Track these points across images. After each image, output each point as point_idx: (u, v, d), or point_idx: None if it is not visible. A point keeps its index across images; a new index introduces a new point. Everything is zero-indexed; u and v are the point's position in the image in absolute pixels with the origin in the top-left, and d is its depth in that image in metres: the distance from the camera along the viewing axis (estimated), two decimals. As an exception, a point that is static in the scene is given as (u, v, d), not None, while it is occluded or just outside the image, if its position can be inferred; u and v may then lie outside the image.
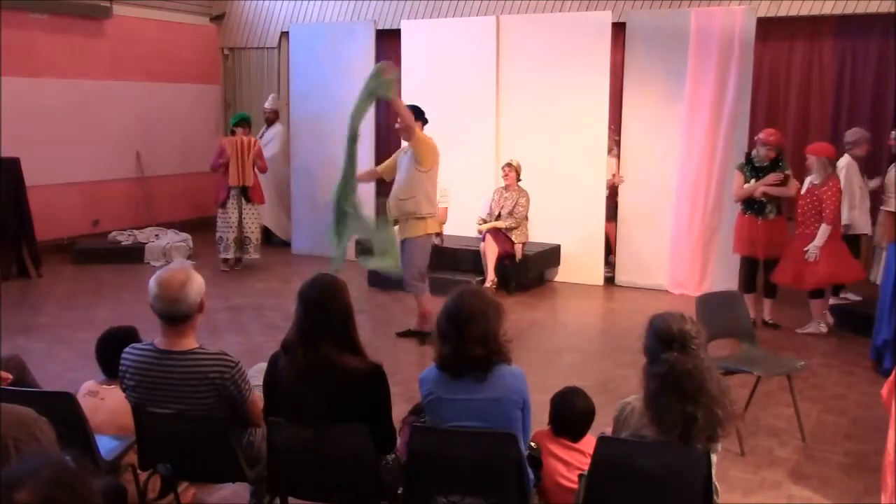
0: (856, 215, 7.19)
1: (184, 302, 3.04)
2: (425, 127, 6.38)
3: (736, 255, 7.07)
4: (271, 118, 10.03)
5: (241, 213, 8.73)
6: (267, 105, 10.01)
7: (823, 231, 6.30)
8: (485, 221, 8.13)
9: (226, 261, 8.84)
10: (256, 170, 8.74)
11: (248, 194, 8.72)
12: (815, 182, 6.41)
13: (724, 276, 7.44)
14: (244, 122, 8.79)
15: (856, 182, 7.14)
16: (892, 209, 6.01)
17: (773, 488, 4.01)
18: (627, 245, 8.24)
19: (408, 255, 6.17)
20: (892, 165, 6.98)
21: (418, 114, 6.25)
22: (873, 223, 7.26)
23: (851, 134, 7.28)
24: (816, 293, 6.61)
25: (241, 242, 8.82)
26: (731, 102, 7.52)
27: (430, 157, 6.12)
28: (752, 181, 6.63)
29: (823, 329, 6.65)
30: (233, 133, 8.69)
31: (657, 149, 7.96)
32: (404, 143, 6.32)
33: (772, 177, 6.56)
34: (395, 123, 6.22)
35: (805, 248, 6.37)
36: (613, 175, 8.37)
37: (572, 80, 8.15)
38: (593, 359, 6.14)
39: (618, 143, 8.55)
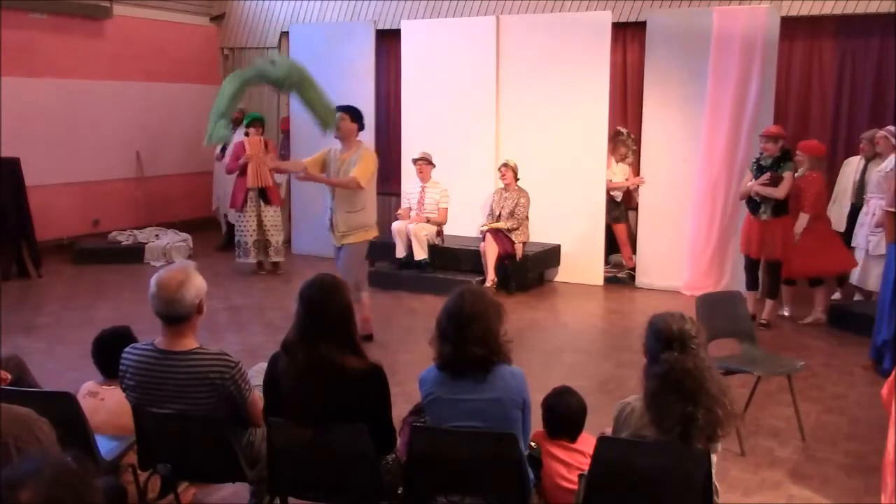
0: (833, 210, 7.40)
1: (180, 303, 3.04)
2: (362, 133, 6.24)
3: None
4: (238, 118, 9.31)
5: (260, 216, 8.54)
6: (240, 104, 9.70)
7: (801, 219, 6.71)
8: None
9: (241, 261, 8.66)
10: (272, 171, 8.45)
11: (266, 196, 8.54)
12: (798, 175, 6.75)
13: (743, 278, 7.33)
14: (257, 122, 8.57)
15: (850, 179, 7.32)
16: (892, 209, 6.01)
17: (773, 488, 4.01)
18: (648, 247, 8.16)
19: (346, 261, 6.06)
20: (875, 165, 7.00)
21: (357, 117, 6.10)
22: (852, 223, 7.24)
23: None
24: (815, 281, 6.92)
25: (263, 246, 8.64)
26: (752, 104, 7.45)
27: (372, 171, 6.07)
28: (753, 180, 6.70)
29: (822, 316, 6.92)
30: (246, 134, 8.54)
31: (678, 149, 7.89)
32: (335, 148, 6.13)
33: (763, 177, 6.61)
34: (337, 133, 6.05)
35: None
36: (627, 179, 8.43)
37: (572, 80, 8.15)
38: (593, 359, 6.14)
39: (636, 152, 8.58)
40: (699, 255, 7.83)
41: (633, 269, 8.37)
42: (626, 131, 8.65)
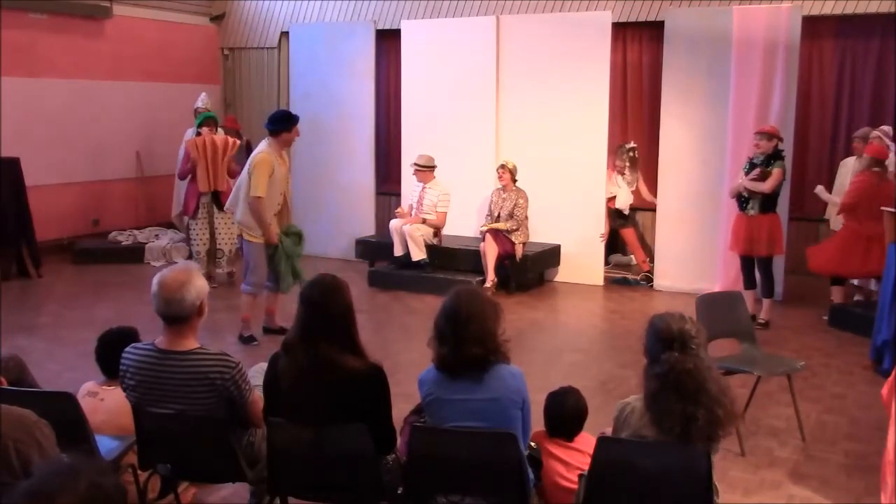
0: (832, 210, 7.41)
1: (180, 304, 3.04)
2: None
3: (780, 258, 7.09)
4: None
5: (212, 223, 7.98)
6: (199, 104, 8.74)
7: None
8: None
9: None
10: (228, 174, 7.86)
11: (220, 201, 7.77)
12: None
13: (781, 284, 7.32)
14: (209, 121, 7.93)
15: (847, 179, 7.25)
16: (891, 210, 6.02)
17: (773, 488, 4.01)
18: (667, 249, 8.02)
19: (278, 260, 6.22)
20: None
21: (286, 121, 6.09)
22: None
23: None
24: (836, 280, 6.92)
25: (212, 255, 8.07)
26: (777, 105, 7.32)
27: None
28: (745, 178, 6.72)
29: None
30: (198, 134, 7.90)
31: (698, 150, 7.77)
32: (274, 155, 6.07)
33: (753, 172, 6.64)
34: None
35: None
36: (633, 192, 8.54)
37: (572, 80, 8.13)
38: (593, 359, 6.14)
39: (632, 168, 8.56)
40: (731, 259, 7.39)
41: (650, 272, 8.29)
42: (629, 146, 8.64)
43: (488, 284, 7.69)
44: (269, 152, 5.98)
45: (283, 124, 6.01)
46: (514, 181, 8.06)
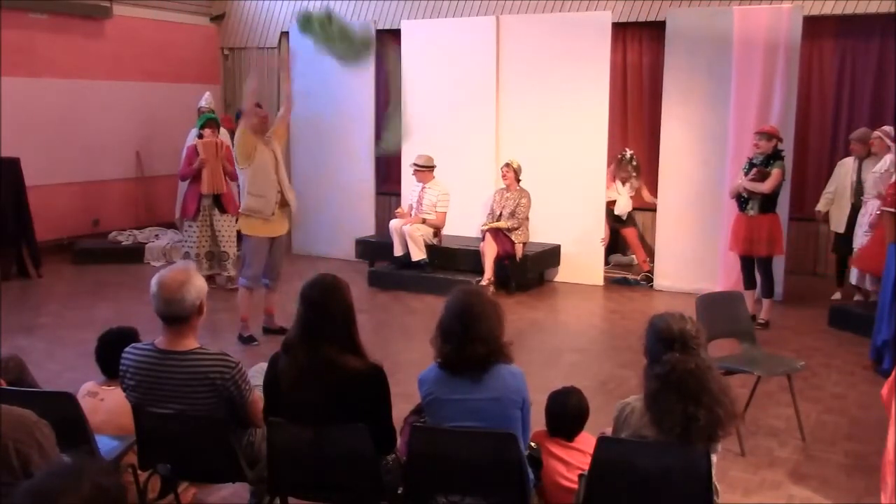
0: (833, 211, 7.41)
1: (181, 303, 3.04)
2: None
3: (780, 258, 7.07)
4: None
5: (213, 226, 7.95)
6: (202, 104, 8.58)
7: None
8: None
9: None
10: (227, 177, 7.87)
11: (221, 203, 7.90)
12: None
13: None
14: (212, 123, 7.93)
15: (847, 180, 7.27)
16: (891, 209, 6.02)
17: (773, 488, 4.01)
18: (667, 249, 8.01)
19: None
20: (870, 164, 6.95)
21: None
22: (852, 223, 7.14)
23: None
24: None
25: (217, 258, 8.03)
26: (778, 105, 7.29)
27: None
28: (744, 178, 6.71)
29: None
30: (200, 136, 7.90)
31: (698, 151, 7.75)
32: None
33: (752, 172, 6.63)
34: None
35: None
36: (632, 197, 8.56)
37: (572, 80, 8.13)
38: (593, 359, 6.14)
39: (637, 177, 8.57)
40: (731, 259, 7.29)
41: (650, 272, 8.28)
42: (630, 154, 8.64)
43: (485, 283, 7.67)
44: (244, 130, 6.12)
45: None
46: (518, 181, 8.06)
